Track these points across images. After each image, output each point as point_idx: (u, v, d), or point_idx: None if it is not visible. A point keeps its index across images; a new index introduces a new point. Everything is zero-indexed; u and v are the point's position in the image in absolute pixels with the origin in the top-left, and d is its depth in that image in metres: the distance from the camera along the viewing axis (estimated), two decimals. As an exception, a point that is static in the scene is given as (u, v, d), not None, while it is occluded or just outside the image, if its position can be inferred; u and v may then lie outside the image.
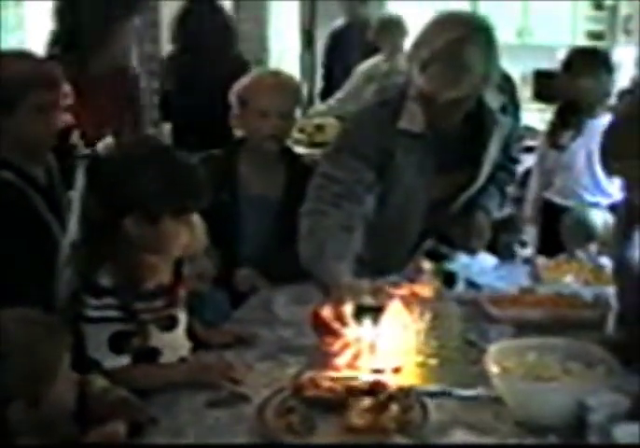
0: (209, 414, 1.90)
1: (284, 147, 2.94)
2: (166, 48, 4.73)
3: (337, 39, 6.23)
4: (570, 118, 3.63)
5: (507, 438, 1.74)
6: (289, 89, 2.93)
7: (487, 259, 2.70)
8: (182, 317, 2.19)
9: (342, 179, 2.49)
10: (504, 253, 3.17)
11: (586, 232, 3.15)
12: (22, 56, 2.49)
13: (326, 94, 6.13)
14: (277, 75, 3.01)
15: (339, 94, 5.79)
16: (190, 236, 2.09)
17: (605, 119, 3.53)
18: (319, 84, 6.62)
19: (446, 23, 2.40)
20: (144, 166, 2.01)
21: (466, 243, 2.71)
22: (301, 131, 5.21)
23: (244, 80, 2.93)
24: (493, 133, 2.60)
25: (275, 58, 7.04)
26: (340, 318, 2.18)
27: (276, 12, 7.26)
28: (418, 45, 2.41)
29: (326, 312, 2.19)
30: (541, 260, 2.80)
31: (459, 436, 1.73)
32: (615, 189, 3.57)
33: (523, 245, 3.17)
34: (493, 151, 2.63)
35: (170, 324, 2.14)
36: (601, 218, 3.16)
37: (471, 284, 2.58)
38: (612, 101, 3.73)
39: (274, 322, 2.42)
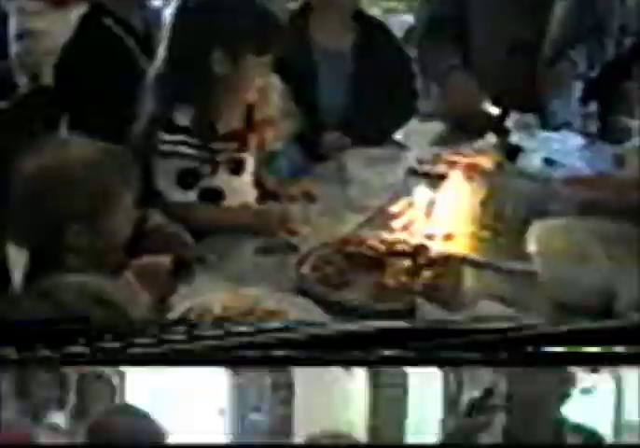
0: (255, 260, 1.98)
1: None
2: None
3: None
4: None
5: (534, 314, 1.73)
6: None
7: (571, 138, 2.61)
8: (250, 163, 2.25)
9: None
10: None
11: None
12: None
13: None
14: None
15: None
16: (265, 79, 2.16)
17: None
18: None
19: None
20: (234, 4, 2.08)
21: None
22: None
23: None
24: None
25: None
26: None
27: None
28: None
29: None
30: (629, 145, 2.69)
31: (484, 306, 1.74)
32: None
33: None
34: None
35: (237, 167, 2.22)
36: None
37: (549, 161, 2.51)
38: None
39: (346, 181, 2.45)
